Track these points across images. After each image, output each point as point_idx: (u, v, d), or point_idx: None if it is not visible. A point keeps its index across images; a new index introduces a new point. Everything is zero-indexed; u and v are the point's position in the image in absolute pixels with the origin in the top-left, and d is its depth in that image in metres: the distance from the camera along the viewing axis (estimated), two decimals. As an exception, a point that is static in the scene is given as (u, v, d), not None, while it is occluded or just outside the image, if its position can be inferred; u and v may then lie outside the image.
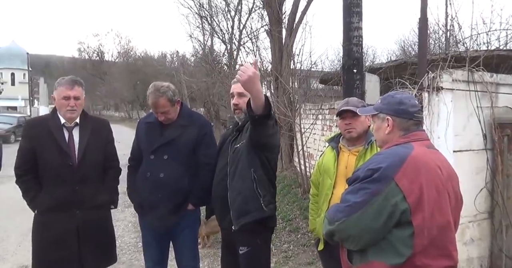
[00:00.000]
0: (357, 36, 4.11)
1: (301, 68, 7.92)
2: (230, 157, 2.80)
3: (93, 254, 3.02)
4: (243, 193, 2.71)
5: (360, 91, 4.11)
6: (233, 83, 2.94)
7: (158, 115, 3.13)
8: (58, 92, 2.99)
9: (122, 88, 49.32)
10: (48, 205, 2.93)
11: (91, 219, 3.00)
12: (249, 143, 2.70)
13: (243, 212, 2.71)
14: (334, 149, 2.91)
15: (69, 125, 3.03)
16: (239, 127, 2.88)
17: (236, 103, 2.86)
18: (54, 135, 2.96)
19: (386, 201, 1.67)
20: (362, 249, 1.78)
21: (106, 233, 3.19)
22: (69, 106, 2.96)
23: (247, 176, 2.71)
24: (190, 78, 19.86)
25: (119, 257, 5.08)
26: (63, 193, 2.92)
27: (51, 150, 2.94)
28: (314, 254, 4.90)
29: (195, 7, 19.55)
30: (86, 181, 2.99)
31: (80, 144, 3.02)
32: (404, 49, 19.12)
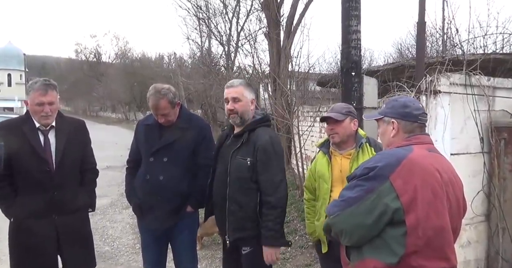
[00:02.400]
0: (355, 39, 4.12)
1: (299, 70, 7.94)
2: (232, 167, 2.76)
3: (74, 259, 2.98)
4: (244, 210, 2.73)
5: (358, 94, 4.12)
6: (227, 88, 2.89)
7: (158, 117, 3.12)
8: (31, 97, 2.83)
9: (119, 90, 49.28)
10: (26, 212, 2.84)
11: (70, 223, 2.94)
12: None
13: (240, 228, 2.76)
14: (326, 154, 2.94)
15: (45, 128, 2.92)
16: (238, 134, 2.84)
17: (231, 108, 2.80)
18: (29, 140, 2.85)
19: (379, 199, 1.72)
20: (358, 246, 1.83)
21: (85, 237, 3.13)
22: (43, 112, 2.83)
23: (252, 195, 2.73)
24: (187, 79, 19.86)
25: (117, 258, 5.11)
26: (41, 200, 2.83)
27: (26, 155, 2.83)
28: (312, 256, 4.91)
29: (192, 9, 19.61)
30: (64, 186, 2.92)
31: (57, 148, 2.92)
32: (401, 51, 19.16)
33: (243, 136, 2.78)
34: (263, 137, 2.75)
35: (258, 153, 2.69)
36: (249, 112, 2.83)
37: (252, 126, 2.82)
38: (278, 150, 2.78)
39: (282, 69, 7.84)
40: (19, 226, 2.89)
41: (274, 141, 2.78)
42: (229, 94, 2.83)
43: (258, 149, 2.70)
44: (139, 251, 5.20)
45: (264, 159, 2.70)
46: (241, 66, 12.97)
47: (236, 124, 2.86)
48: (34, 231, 2.84)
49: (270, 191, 2.68)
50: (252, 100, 2.85)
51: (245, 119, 2.82)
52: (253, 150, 2.71)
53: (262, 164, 2.69)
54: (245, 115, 2.81)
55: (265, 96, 9.23)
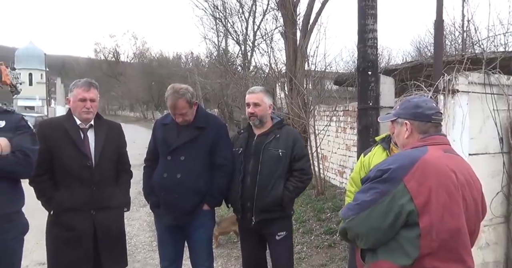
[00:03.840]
0: (372, 38, 4.09)
1: (315, 69, 7.91)
2: (264, 157, 3.18)
3: (108, 255, 3.05)
4: (271, 195, 3.15)
5: (375, 94, 4.09)
6: (248, 94, 3.36)
7: (176, 116, 3.17)
8: (74, 94, 3.02)
9: (137, 89, 49.83)
10: (66, 205, 2.95)
11: (106, 220, 3.04)
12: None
13: (267, 210, 3.16)
14: (386, 150, 2.93)
15: (84, 126, 3.07)
16: (266, 132, 3.28)
17: (252, 111, 3.26)
18: (71, 136, 2.98)
19: (394, 202, 1.70)
20: (373, 248, 1.82)
21: (120, 235, 3.22)
22: (85, 108, 3.00)
23: (279, 181, 3.18)
24: (204, 79, 19.97)
25: (134, 255, 5.18)
26: (80, 194, 2.95)
27: (68, 151, 2.96)
28: (327, 255, 4.91)
29: (209, 8, 19.73)
30: (102, 183, 3.03)
31: (96, 146, 3.05)
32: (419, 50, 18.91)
33: (274, 132, 3.26)
34: (293, 132, 3.39)
35: (295, 145, 3.22)
36: (267, 115, 3.32)
37: (279, 125, 3.32)
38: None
39: (298, 68, 7.84)
40: (57, 219, 2.98)
41: (300, 136, 3.40)
42: (250, 99, 3.29)
43: (293, 142, 3.22)
44: (156, 249, 5.27)
45: (299, 149, 3.25)
46: (257, 65, 12.99)
47: (256, 125, 3.32)
48: (72, 225, 2.94)
49: (304, 173, 3.25)
50: (270, 105, 3.33)
51: (263, 121, 3.30)
52: (285, 143, 3.20)
53: (298, 153, 3.23)
54: (264, 118, 3.29)
55: (281, 96, 9.23)
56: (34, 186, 3.01)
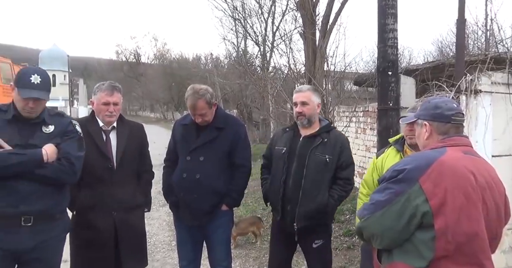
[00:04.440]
0: (392, 38, 4.05)
1: (334, 69, 7.86)
2: (310, 162, 3.04)
3: (129, 254, 3.09)
4: (316, 201, 3.03)
5: (395, 94, 4.04)
6: (296, 92, 3.23)
7: (195, 117, 3.19)
8: (97, 97, 3.07)
9: (157, 90, 50.35)
10: (87, 205, 3.00)
11: (127, 220, 3.07)
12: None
13: (309, 217, 3.03)
14: (399, 152, 2.88)
15: (107, 128, 3.11)
16: (313, 135, 3.14)
17: (300, 111, 3.13)
18: (94, 138, 3.03)
19: (408, 202, 1.69)
20: (389, 249, 1.81)
21: (140, 235, 3.26)
22: (108, 112, 3.04)
23: (324, 188, 3.05)
24: (223, 80, 20.06)
25: (153, 254, 5.23)
26: (101, 194, 2.99)
27: (90, 152, 2.98)
28: (346, 258, 4.87)
29: (229, 9, 19.83)
30: (123, 183, 3.07)
31: (118, 147, 3.09)
32: (441, 50, 18.63)
33: (322, 136, 3.10)
34: (342, 137, 3.22)
35: (342, 152, 3.10)
36: (316, 115, 3.19)
37: (327, 128, 3.18)
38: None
39: (317, 69, 7.78)
40: (80, 219, 3.04)
41: (348, 142, 3.24)
42: (298, 98, 3.16)
43: (341, 148, 3.10)
44: (175, 248, 5.30)
45: (347, 157, 3.14)
46: (276, 66, 12.98)
47: (304, 125, 3.16)
48: (94, 225, 2.98)
49: (349, 182, 3.14)
50: (318, 104, 3.20)
51: (312, 121, 3.15)
52: (332, 148, 3.07)
53: (345, 160, 3.11)
54: (312, 117, 3.15)
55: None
56: None
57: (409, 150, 2.83)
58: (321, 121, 3.25)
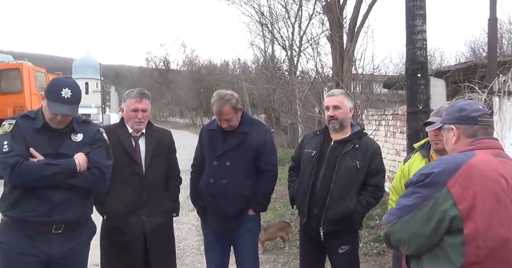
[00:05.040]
0: (421, 40, 3.98)
1: (362, 72, 7.77)
2: (340, 168, 3.00)
3: (158, 259, 3.12)
4: (344, 207, 2.98)
5: (425, 97, 3.96)
6: (328, 96, 3.22)
7: (221, 122, 3.21)
8: (127, 104, 3.13)
9: (186, 96, 50.97)
10: (117, 210, 3.06)
11: (156, 225, 3.11)
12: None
13: (336, 222, 2.99)
14: (425, 157, 2.82)
15: (136, 135, 3.17)
16: (344, 140, 3.09)
17: (332, 115, 3.09)
18: (123, 144, 3.09)
19: (436, 207, 1.65)
20: (417, 254, 1.77)
21: (169, 240, 3.30)
22: (137, 118, 3.09)
23: (353, 194, 3.01)
24: (251, 85, 20.14)
25: (183, 259, 5.28)
26: (131, 199, 3.05)
27: (120, 158, 3.04)
28: (376, 264, 4.79)
29: (256, 15, 19.93)
30: (152, 189, 3.11)
31: (147, 153, 3.15)
32: (474, 50, 18.15)
33: (353, 142, 3.06)
34: (373, 144, 3.18)
35: (374, 159, 3.04)
36: (348, 119, 3.15)
37: (359, 134, 3.13)
38: None
39: (345, 72, 7.72)
40: (109, 224, 3.11)
41: (380, 150, 3.17)
42: (330, 102, 3.13)
43: (372, 155, 3.04)
44: (203, 253, 5.33)
45: (378, 165, 3.08)
46: (304, 70, 12.93)
47: (335, 129, 3.11)
48: (123, 230, 3.04)
49: (378, 189, 3.09)
50: (350, 108, 3.19)
51: (344, 125, 3.11)
52: (363, 155, 3.02)
53: (375, 168, 3.05)
54: (344, 122, 3.10)
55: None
56: None
57: (435, 155, 2.76)
58: (353, 126, 3.20)
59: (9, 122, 2.49)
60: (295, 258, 4.95)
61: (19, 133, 2.46)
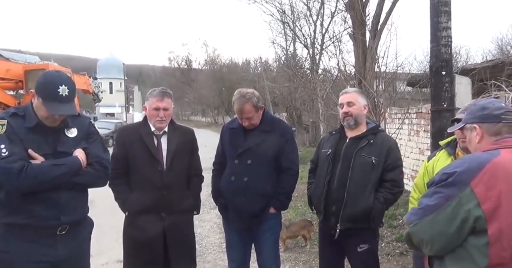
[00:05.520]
0: (445, 37, 3.90)
1: (386, 70, 7.68)
2: (355, 163, 3.00)
3: (178, 256, 3.15)
4: (361, 203, 2.97)
5: (450, 95, 3.89)
6: (341, 94, 3.24)
7: (242, 120, 3.23)
8: (149, 103, 3.16)
9: (208, 95, 51.35)
10: (138, 207, 3.10)
11: (176, 223, 3.14)
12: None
13: (353, 220, 2.97)
14: (451, 155, 2.77)
15: (158, 133, 3.20)
16: (359, 136, 3.09)
17: (347, 111, 3.11)
18: (145, 142, 3.13)
19: (460, 207, 1.62)
20: (440, 255, 1.74)
21: (189, 237, 3.32)
22: (158, 117, 3.11)
23: (369, 190, 2.98)
24: (272, 83, 20.14)
25: (205, 256, 5.33)
26: (152, 197, 3.08)
27: (142, 156, 3.11)
28: (399, 264, 4.73)
29: (277, 13, 19.90)
30: (173, 187, 3.14)
31: (168, 151, 3.17)
32: (501, 48, 17.69)
33: (367, 138, 3.06)
34: (390, 140, 3.18)
35: (390, 154, 3.03)
36: (362, 116, 3.14)
37: (374, 130, 3.13)
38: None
39: (368, 70, 7.64)
40: (131, 221, 3.16)
41: (397, 145, 3.17)
42: (344, 100, 3.15)
43: (388, 150, 3.03)
44: (225, 250, 5.36)
45: (394, 160, 3.06)
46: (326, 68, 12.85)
47: (350, 126, 3.12)
48: (144, 227, 3.08)
49: (396, 185, 3.04)
50: (364, 106, 3.17)
51: (359, 122, 3.11)
52: (379, 150, 3.01)
53: (391, 163, 3.03)
54: (359, 118, 3.11)
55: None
56: (112, 188, 3.20)
57: (461, 153, 2.69)
58: (368, 123, 3.21)
59: (0, 122, 2.28)
60: (316, 256, 4.93)
61: (14, 133, 2.27)
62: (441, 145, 2.91)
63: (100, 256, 5.35)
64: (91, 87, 19.95)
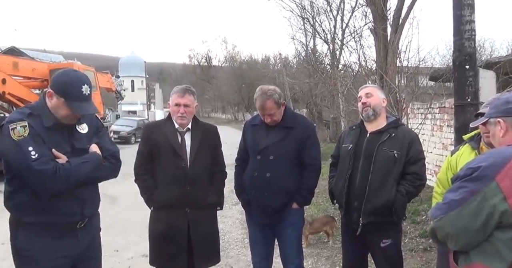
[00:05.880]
0: (469, 30, 3.85)
1: (407, 65, 7.59)
2: (377, 157, 3.01)
3: (201, 251, 3.22)
4: (383, 197, 2.97)
5: (473, 89, 3.83)
6: (360, 89, 3.30)
7: (264, 117, 3.26)
8: (172, 99, 3.24)
9: (228, 91, 51.59)
10: (163, 202, 3.18)
11: (200, 218, 3.21)
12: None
13: (376, 213, 2.99)
14: (474, 149, 2.73)
15: (182, 130, 3.26)
16: (380, 130, 3.11)
17: (365, 101, 3.15)
18: (169, 139, 3.20)
19: (485, 201, 1.60)
20: (465, 250, 1.73)
21: (212, 232, 3.38)
22: (179, 113, 3.18)
23: (391, 184, 2.99)
24: (292, 79, 20.10)
25: (227, 251, 5.40)
26: (175, 193, 3.14)
27: (166, 152, 3.19)
28: (422, 259, 4.70)
29: (297, 9, 19.82)
30: (196, 183, 3.20)
31: (192, 148, 3.23)
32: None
33: (388, 132, 3.07)
34: (411, 133, 3.18)
35: (412, 148, 3.03)
36: (381, 107, 3.16)
37: (395, 124, 3.15)
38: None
39: (389, 65, 7.55)
40: (156, 215, 3.25)
41: (418, 138, 3.18)
42: (362, 92, 3.22)
43: (409, 144, 3.03)
44: (248, 246, 5.41)
45: (416, 152, 3.06)
46: (346, 63, 12.76)
47: (369, 117, 3.13)
48: (169, 221, 3.16)
49: (418, 177, 3.03)
50: (383, 99, 3.19)
51: (377, 113, 3.13)
52: (400, 144, 3.02)
53: (413, 156, 3.03)
54: (377, 109, 3.13)
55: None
56: (138, 184, 3.30)
57: (485, 147, 2.65)
58: (388, 117, 3.22)
59: (20, 124, 2.22)
60: (338, 252, 4.94)
61: (36, 134, 2.25)
62: (465, 140, 2.88)
63: (126, 250, 5.48)
64: (114, 85, 20.25)
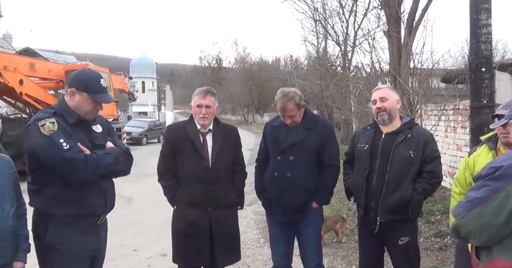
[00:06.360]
0: (485, 33, 3.90)
1: (421, 67, 7.62)
2: (394, 158, 3.06)
3: (223, 249, 3.30)
4: (399, 196, 3.04)
5: (489, 91, 3.89)
6: (374, 91, 3.30)
7: (285, 118, 3.35)
8: (194, 100, 3.33)
9: (238, 93, 51.62)
10: (185, 201, 3.27)
11: (221, 217, 3.29)
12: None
13: (393, 211, 3.05)
14: (492, 150, 2.77)
15: (204, 131, 3.36)
16: (395, 132, 3.14)
17: (380, 106, 3.16)
18: (191, 140, 3.29)
19: (507, 199, 1.66)
20: (487, 245, 1.79)
21: (233, 231, 3.47)
22: (201, 114, 3.26)
23: (408, 183, 3.05)
24: (303, 81, 20.10)
25: (244, 251, 5.48)
26: (198, 192, 3.23)
27: (189, 152, 3.28)
28: (438, 258, 4.75)
29: (309, 11, 19.84)
30: (218, 182, 3.29)
31: (213, 148, 3.32)
32: (541, 41, 17.06)
33: (404, 132, 3.11)
34: (426, 133, 3.22)
35: (427, 147, 3.08)
36: (396, 110, 3.19)
37: (409, 124, 3.18)
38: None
39: (403, 67, 7.59)
40: (179, 214, 3.35)
41: (433, 137, 3.22)
42: (376, 95, 3.21)
43: (425, 143, 3.08)
44: (263, 245, 5.52)
45: (431, 152, 3.10)
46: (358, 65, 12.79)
47: (384, 120, 3.17)
48: (191, 220, 3.25)
49: (434, 175, 3.08)
50: (397, 100, 3.22)
51: (392, 117, 3.16)
52: (416, 144, 3.07)
53: (429, 155, 3.08)
54: (392, 113, 3.16)
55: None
56: (162, 183, 3.39)
57: (502, 148, 2.71)
58: (402, 118, 3.26)
59: (49, 121, 2.41)
60: (354, 251, 5.01)
61: (63, 129, 2.44)
62: (482, 140, 2.93)
63: (145, 250, 5.59)
64: (127, 86, 20.43)
